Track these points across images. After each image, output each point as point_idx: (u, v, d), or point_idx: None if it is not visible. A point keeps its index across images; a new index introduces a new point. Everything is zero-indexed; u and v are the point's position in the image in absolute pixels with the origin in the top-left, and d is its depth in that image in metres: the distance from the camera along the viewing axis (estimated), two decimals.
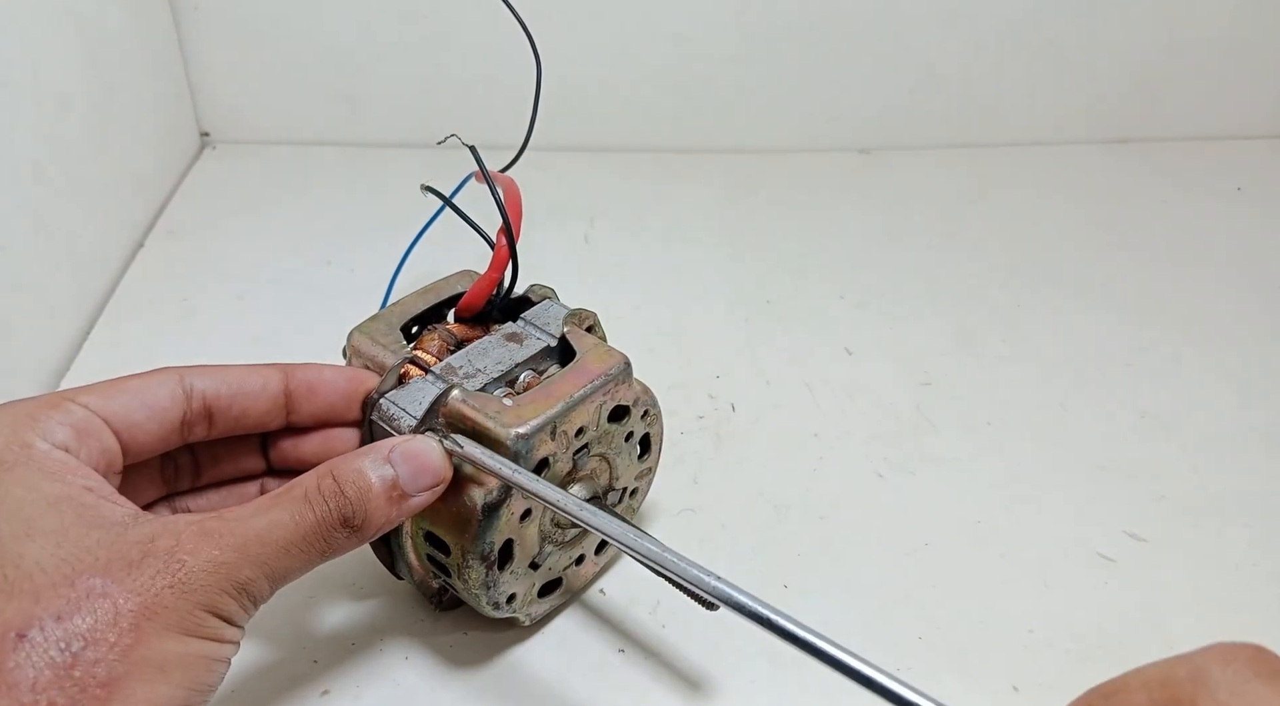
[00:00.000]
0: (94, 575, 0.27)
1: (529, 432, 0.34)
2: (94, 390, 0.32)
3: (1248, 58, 0.73)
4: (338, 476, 0.31)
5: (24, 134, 0.51)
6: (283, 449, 0.37)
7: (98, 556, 0.27)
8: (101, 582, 0.27)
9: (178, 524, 0.29)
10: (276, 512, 0.30)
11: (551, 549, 0.38)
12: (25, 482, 0.28)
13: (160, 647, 0.27)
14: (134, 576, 0.27)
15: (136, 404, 0.32)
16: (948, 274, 0.62)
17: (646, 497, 0.43)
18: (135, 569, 0.27)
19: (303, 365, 0.36)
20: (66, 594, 0.26)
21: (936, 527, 0.46)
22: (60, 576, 0.27)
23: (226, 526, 0.29)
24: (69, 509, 0.28)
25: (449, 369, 0.37)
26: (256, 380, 0.35)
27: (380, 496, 0.32)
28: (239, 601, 0.29)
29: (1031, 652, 0.41)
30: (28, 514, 0.28)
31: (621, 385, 0.37)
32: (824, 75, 0.72)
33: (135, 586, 0.27)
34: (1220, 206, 0.69)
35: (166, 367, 0.34)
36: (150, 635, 0.27)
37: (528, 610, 0.39)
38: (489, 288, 0.40)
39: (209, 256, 0.62)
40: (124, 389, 0.32)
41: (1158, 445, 0.50)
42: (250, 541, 0.29)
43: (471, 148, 0.41)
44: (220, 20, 0.68)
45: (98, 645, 0.26)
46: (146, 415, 0.32)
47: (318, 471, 0.32)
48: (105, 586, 0.27)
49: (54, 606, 0.26)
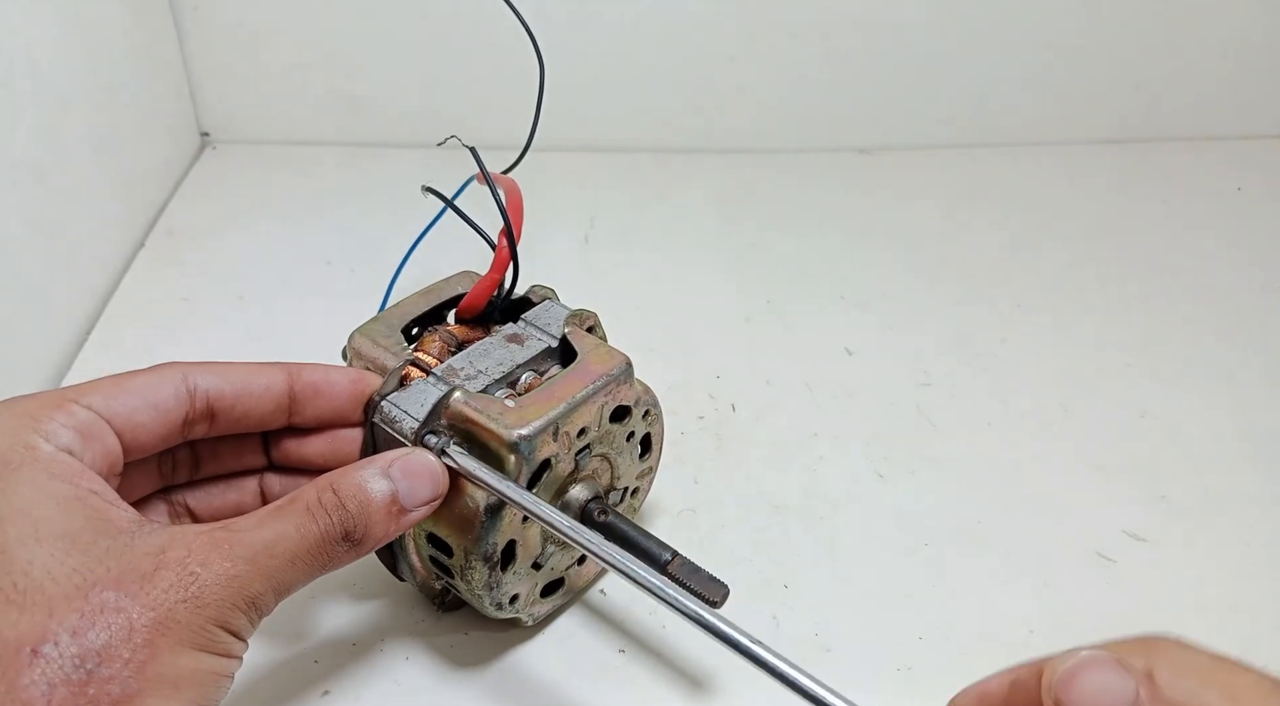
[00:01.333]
0: (107, 588, 0.26)
1: (531, 434, 0.34)
2: (98, 389, 0.32)
3: (1248, 58, 0.73)
4: (339, 490, 0.31)
5: (24, 134, 0.51)
6: (286, 448, 0.37)
7: (109, 567, 0.27)
8: (115, 596, 0.26)
9: (187, 534, 0.29)
10: (281, 524, 0.30)
11: (554, 549, 0.38)
12: (32, 482, 0.28)
13: (174, 663, 0.27)
14: (147, 590, 0.27)
15: (140, 404, 0.32)
16: (947, 274, 0.62)
17: (648, 497, 0.43)
18: (148, 582, 0.27)
19: (307, 366, 0.36)
20: (80, 607, 0.26)
21: (936, 527, 0.46)
22: (72, 587, 0.26)
23: (236, 538, 0.29)
24: (77, 512, 0.28)
25: (450, 371, 0.37)
26: (261, 381, 0.35)
27: (380, 511, 0.32)
28: (248, 615, 0.29)
29: (1031, 652, 0.40)
30: (35, 515, 0.27)
31: (623, 385, 0.37)
32: (824, 75, 0.72)
33: (149, 601, 0.27)
34: (1220, 206, 0.69)
35: (171, 364, 0.34)
36: (164, 651, 0.27)
37: (530, 610, 0.39)
38: (490, 288, 0.40)
39: (209, 256, 0.62)
40: (128, 389, 0.32)
41: (1158, 445, 0.50)
42: (259, 554, 0.29)
43: (472, 148, 0.41)
44: (220, 20, 0.68)
45: (112, 661, 0.26)
46: (150, 416, 0.32)
47: (318, 484, 0.31)
48: (119, 600, 0.26)
49: (68, 621, 0.26)
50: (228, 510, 0.37)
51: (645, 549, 0.36)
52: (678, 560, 0.35)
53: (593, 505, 0.37)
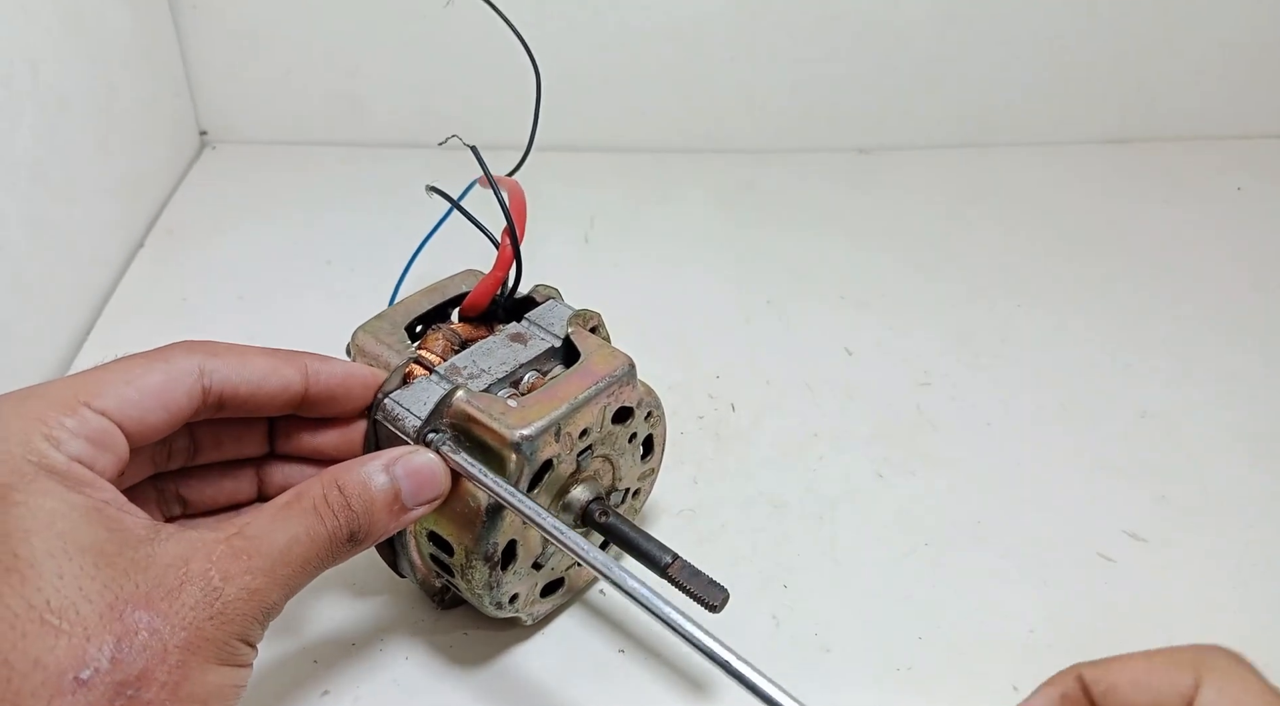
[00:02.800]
0: (138, 607, 0.26)
1: (533, 434, 0.34)
2: (109, 385, 0.30)
3: (1248, 58, 0.73)
4: (344, 488, 0.31)
5: (24, 134, 0.51)
6: (299, 439, 0.36)
7: (137, 583, 0.27)
8: (148, 617, 0.26)
9: (206, 542, 0.28)
10: (291, 526, 0.30)
11: (554, 549, 0.38)
12: (51, 493, 0.27)
13: (203, 681, 0.27)
14: (176, 608, 0.27)
15: (154, 406, 0.31)
16: (948, 274, 0.62)
17: (649, 498, 0.43)
18: (175, 598, 0.27)
19: (325, 366, 0.35)
20: (116, 630, 0.26)
21: (936, 527, 0.46)
22: (105, 606, 0.26)
23: (253, 545, 0.29)
24: (98, 523, 0.28)
25: (453, 369, 0.37)
26: (277, 381, 0.34)
27: (383, 509, 0.32)
28: (263, 625, 0.29)
29: (1031, 652, 0.41)
30: (59, 528, 0.27)
31: (626, 386, 0.37)
32: (824, 75, 0.72)
33: (179, 620, 0.27)
34: (1220, 206, 0.69)
35: (188, 349, 0.32)
36: (194, 669, 0.27)
37: (530, 610, 0.39)
38: (493, 287, 0.40)
39: (209, 256, 0.62)
40: (142, 389, 0.31)
41: (1158, 445, 0.50)
42: (277, 562, 0.29)
43: (473, 148, 0.41)
44: (220, 20, 0.68)
45: (150, 685, 0.26)
46: (161, 416, 0.31)
47: (323, 481, 0.31)
48: (152, 621, 0.26)
49: (106, 645, 0.26)
50: (222, 500, 0.36)
51: (646, 551, 0.36)
52: (678, 563, 0.35)
53: (594, 506, 0.37)
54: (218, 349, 0.33)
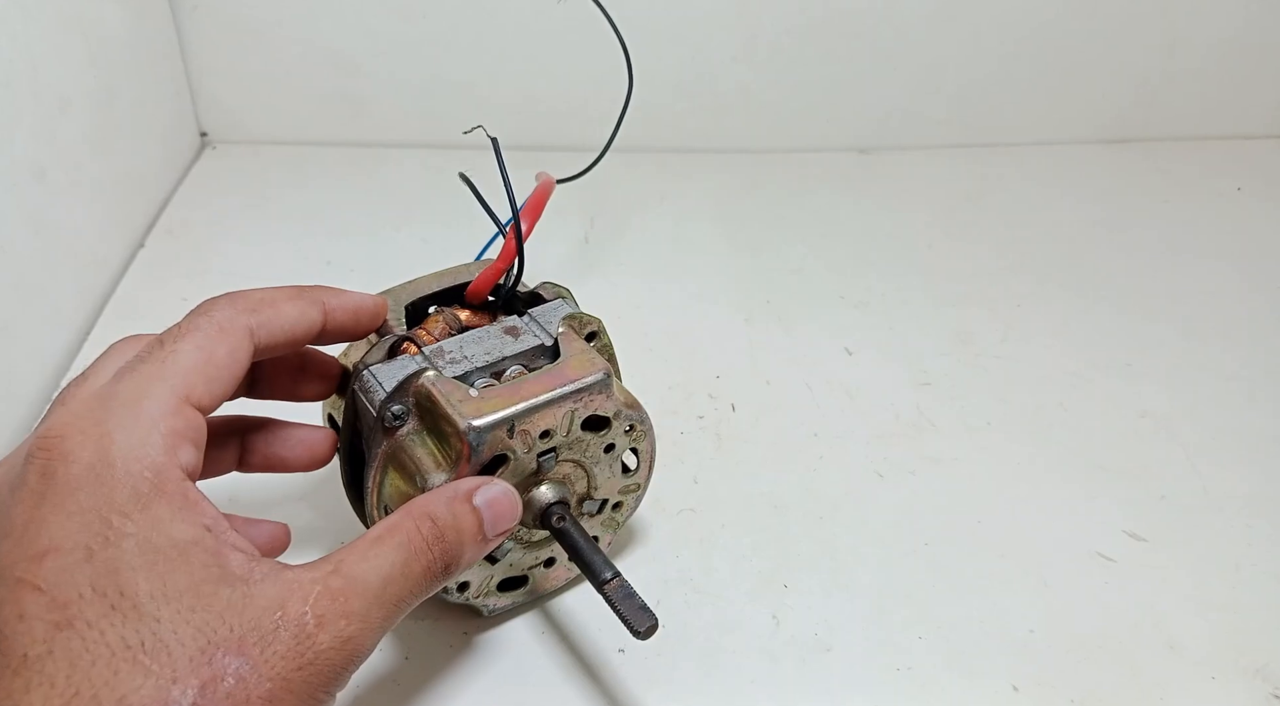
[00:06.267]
0: (229, 652, 0.26)
1: (484, 427, 0.34)
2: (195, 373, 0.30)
3: (1248, 58, 0.73)
4: (436, 519, 0.31)
5: (24, 134, 0.51)
6: (264, 455, 0.38)
7: (232, 626, 0.26)
8: (236, 663, 0.26)
9: (303, 583, 0.28)
10: (385, 563, 0.29)
11: (513, 545, 0.38)
12: (159, 525, 0.27)
13: None
14: (266, 656, 0.26)
15: (227, 379, 0.31)
16: (948, 274, 0.62)
17: (637, 510, 0.42)
18: (268, 644, 0.26)
19: (338, 299, 0.35)
20: (203, 674, 0.25)
21: (936, 527, 0.46)
22: (196, 649, 0.26)
23: (351, 587, 0.28)
24: (197, 558, 0.27)
25: (439, 352, 0.37)
26: (305, 325, 0.34)
27: (472, 540, 0.32)
28: (350, 673, 0.28)
29: (1031, 652, 0.41)
30: (162, 569, 0.26)
31: (598, 396, 0.36)
32: (824, 75, 0.72)
33: (268, 670, 0.26)
34: (1220, 206, 0.69)
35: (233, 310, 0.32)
36: None
37: (485, 602, 0.39)
38: (495, 276, 0.40)
39: (209, 256, 0.62)
40: (219, 365, 0.30)
41: (1158, 445, 0.50)
42: (373, 606, 0.28)
43: (494, 139, 0.41)
44: (220, 20, 0.68)
45: None
46: (229, 388, 0.31)
47: (413, 514, 0.31)
48: (240, 668, 0.26)
49: (190, 690, 0.25)
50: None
51: (590, 562, 0.35)
52: (616, 582, 0.35)
53: (555, 508, 0.37)
54: (252, 302, 0.33)
